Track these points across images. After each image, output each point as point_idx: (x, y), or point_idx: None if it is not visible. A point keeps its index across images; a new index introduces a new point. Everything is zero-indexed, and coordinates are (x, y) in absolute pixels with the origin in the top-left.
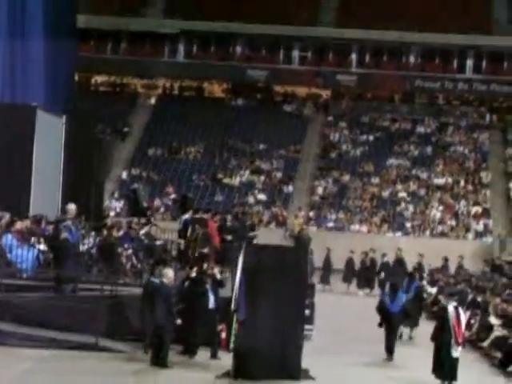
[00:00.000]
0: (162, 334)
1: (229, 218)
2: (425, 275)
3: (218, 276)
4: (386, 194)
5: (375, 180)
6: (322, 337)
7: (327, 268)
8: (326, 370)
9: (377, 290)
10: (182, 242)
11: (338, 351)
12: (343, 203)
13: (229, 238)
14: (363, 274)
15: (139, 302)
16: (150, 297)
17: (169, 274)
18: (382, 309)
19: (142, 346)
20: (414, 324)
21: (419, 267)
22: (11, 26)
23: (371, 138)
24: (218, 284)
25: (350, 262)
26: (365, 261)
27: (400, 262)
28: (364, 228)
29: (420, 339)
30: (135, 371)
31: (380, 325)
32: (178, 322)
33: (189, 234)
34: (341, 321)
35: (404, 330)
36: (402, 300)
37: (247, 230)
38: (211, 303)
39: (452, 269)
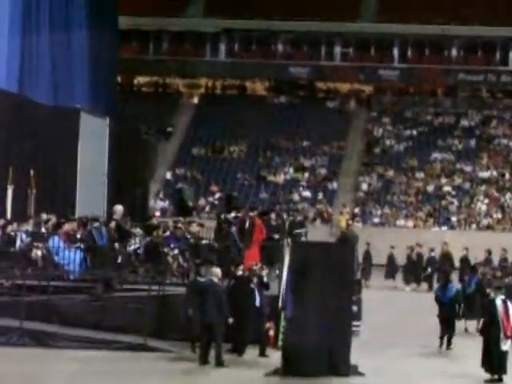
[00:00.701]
0: (213, 333)
1: (273, 216)
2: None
3: (265, 279)
4: (430, 188)
5: (420, 175)
6: (370, 332)
7: (368, 263)
8: (375, 365)
9: (424, 285)
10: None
11: (386, 346)
12: (388, 199)
13: (276, 236)
14: (409, 269)
15: (184, 301)
16: (196, 296)
17: (217, 272)
18: (437, 301)
19: (190, 346)
20: (478, 317)
21: (465, 261)
22: (55, 30)
23: (415, 132)
24: (264, 286)
25: (391, 258)
26: (411, 256)
27: (447, 256)
28: (410, 223)
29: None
30: (184, 371)
31: (438, 316)
32: (230, 320)
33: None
34: (388, 316)
35: (468, 323)
36: (452, 292)
37: (296, 227)
38: (257, 301)
39: (496, 261)
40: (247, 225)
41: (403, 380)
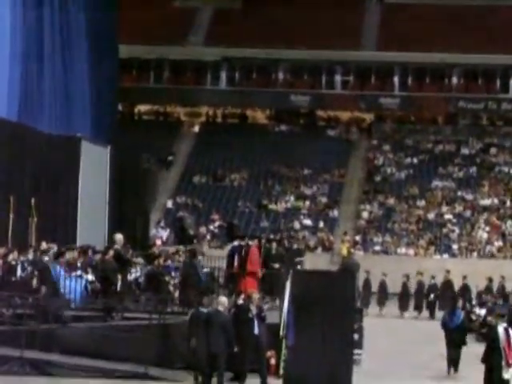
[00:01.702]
0: (217, 362)
1: (274, 245)
2: (473, 297)
3: (264, 312)
4: (431, 216)
5: (421, 203)
6: (372, 361)
7: (367, 291)
8: None
9: (425, 313)
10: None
11: (388, 375)
12: (389, 226)
13: (276, 265)
14: (404, 296)
15: (187, 331)
16: (199, 326)
17: (224, 301)
18: (443, 326)
19: (193, 375)
20: None
21: (464, 289)
22: (55, 58)
23: (415, 160)
24: (260, 318)
25: (382, 285)
26: (406, 283)
27: (448, 283)
28: (411, 251)
29: (471, 361)
30: None
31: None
32: (235, 349)
33: None
34: (389, 344)
35: None
36: (459, 318)
37: (294, 256)
38: (256, 330)
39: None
40: (243, 253)
41: None
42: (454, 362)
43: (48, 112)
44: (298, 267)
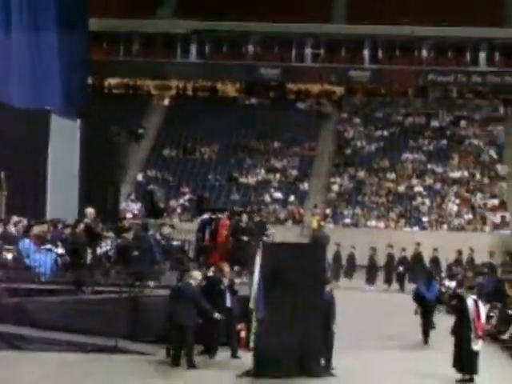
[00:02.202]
0: (185, 335)
1: (244, 217)
2: (443, 269)
3: (236, 286)
4: (401, 188)
5: (391, 175)
6: (342, 333)
7: (338, 264)
8: (347, 365)
9: (395, 286)
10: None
11: (358, 347)
12: (359, 199)
13: (245, 238)
14: (371, 269)
15: (167, 306)
16: (175, 300)
17: (197, 276)
18: (417, 297)
19: (166, 349)
20: None
21: (435, 261)
22: (24, 32)
23: (386, 133)
24: (232, 290)
25: (351, 258)
26: (373, 256)
27: (418, 256)
28: (381, 224)
29: (440, 333)
30: (156, 372)
31: (416, 312)
32: (217, 315)
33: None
34: (360, 316)
35: None
36: (435, 288)
37: (263, 229)
38: (228, 302)
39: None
40: (213, 226)
41: (374, 380)
42: (427, 332)
43: (17, 86)
44: (267, 240)
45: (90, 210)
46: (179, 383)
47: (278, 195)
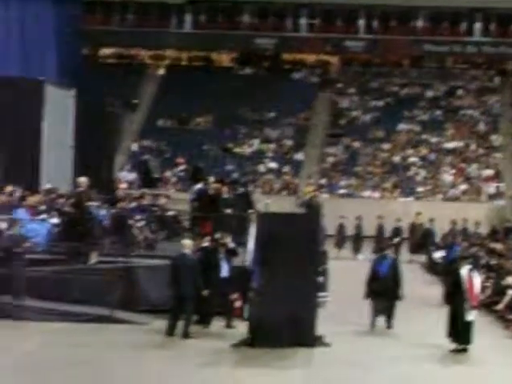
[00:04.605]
0: (185, 305)
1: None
2: (437, 240)
3: (231, 245)
4: (396, 159)
5: (386, 145)
6: (336, 303)
7: (341, 235)
8: (341, 335)
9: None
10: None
11: (353, 317)
12: (354, 169)
13: (228, 211)
14: (357, 238)
15: (167, 276)
16: (175, 271)
17: (189, 244)
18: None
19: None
20: None
21: (429, 232)
22: (18, 2)
23: (381, 103)
24: (231, 253)
25: (341, 228)
26: (359, 225)
27: (419, 226)
28: (376, 194)
29: (434, 303)
30: (151, 342)
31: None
32: (205, 292)
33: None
34: (354, 286)
35: None
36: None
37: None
38: (224, 272)
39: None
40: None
41: (369, 350)
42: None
43: (10, 56)
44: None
45: (82, 179)
46: (174, 353)
47: (273, 165)
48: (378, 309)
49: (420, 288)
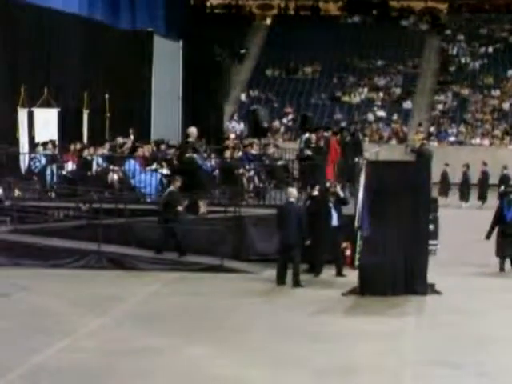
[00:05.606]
0: (292, 254)
1: (346, 135)
2: None
3: (341, 194)
4: (506, 105)
5: (495, 92)
6: (447, 251)
7: (446, 183)
8: (452, 284)
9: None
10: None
11: (463, 265)
12: (464, 117)
13: (351, 157)
14: (464, 186)
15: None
16: (282, 220)
17: (294, 193)
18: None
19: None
20: None
21: None
22: None
23: (490, 49)
24: (342, 202)
25: (444, 175)
26: (466, 173)
27: None
28: (486, 141)
29: None
30: (262, 291)
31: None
32: (308, 242)
33: None
34: (465, 234)
35: None
36: None
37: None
38: (334, 221)
39: None
40: (322, 145)
41: (481, 297)
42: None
43: (119, 8)
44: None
45: (192, 130)
46: (285, 301)
47: (382, 114)
48: (506, 252)
49: None
